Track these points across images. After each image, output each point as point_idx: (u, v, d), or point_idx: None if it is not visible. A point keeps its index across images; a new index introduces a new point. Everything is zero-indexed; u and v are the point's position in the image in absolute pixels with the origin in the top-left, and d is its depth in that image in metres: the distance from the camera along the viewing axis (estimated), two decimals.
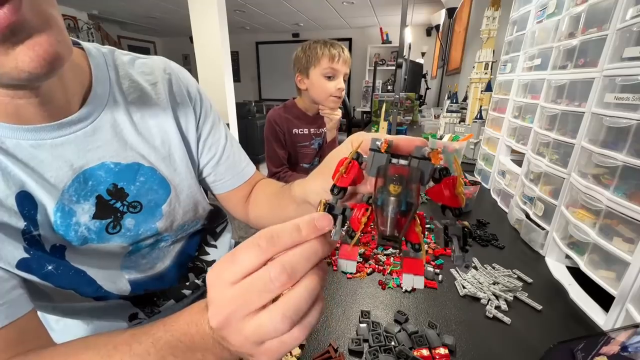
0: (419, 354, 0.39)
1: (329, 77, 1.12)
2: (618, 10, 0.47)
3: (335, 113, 1.18)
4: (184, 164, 0.51)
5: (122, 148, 0.44)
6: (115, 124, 0.43)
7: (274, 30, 6.32)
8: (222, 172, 0.57)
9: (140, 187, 0.45)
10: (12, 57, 0.26)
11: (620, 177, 0.43)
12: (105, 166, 0.42)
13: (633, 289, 0.39)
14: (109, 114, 0.43)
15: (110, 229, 0.43)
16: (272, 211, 0.55)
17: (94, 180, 0.41)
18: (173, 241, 0.53)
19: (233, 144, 0.59)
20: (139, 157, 0.45)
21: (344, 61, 1.11)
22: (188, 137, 0.52)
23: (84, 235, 0.40)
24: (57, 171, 0.38)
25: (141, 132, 0.46)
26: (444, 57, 3.91)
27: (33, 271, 0.37)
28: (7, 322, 0.31)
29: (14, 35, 0.26)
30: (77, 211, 0.40)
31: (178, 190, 0.50)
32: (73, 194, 0.39)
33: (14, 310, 0.32)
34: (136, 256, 0.48)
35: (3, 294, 0.32)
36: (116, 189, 0.43)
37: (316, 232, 0.21)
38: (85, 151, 0.40)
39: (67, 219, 0.39)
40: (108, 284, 0.44)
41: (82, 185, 0.40)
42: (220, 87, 2.84)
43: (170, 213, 0.49)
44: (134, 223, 0.45)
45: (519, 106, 0.84)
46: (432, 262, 0.60)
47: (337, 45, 1.11)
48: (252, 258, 0.21)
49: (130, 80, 0.46)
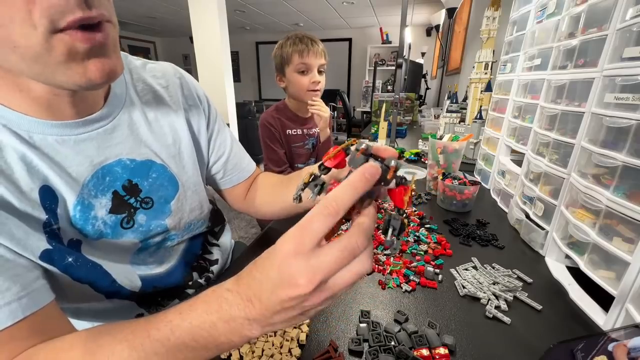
0: (419, 354, 0.39)
1: (303, 72, 1.10)
2: (618, 10, 0.47)
3: (323, 110, 1.15)
4: (191, 162, 0.53)
5: (137, 145, 0.46)
6: (132, 122, 0.46)
7: (274, 30, 6.32)
8: (230, 169, 0.63)
9: (152, 183, 0.47)
10: (83, 68, 0.31)
11: (620, 177, 0.43)
12: (121, 162, 0.44)
13: (633, 289, 0.39)
14: (126, 113, 0.45)
15: (124, 223, 0.45)
16: (279, 196, 0.61)
17: (111, 175, 0.43)
18: (179, 241, 0.54)
19: (236, 143, 0.65)
20: (152, 155, 0.48)
21: (314, 53, 1.08)
22: (199, 137, 0.56)
23: (100, 230, 0.42)
24: (79, 166, 0.40)
25: (154, 130, 0.49)
26: (444, 57, 3.91)
27: (55, 262, 0.38)
28: (32, 311, 0.32)
29: (94, 53, 0.31)
30: (95, 205, 0.42)
31: (185, 187, 0.52)
32: (92, 189, 0.41)
33: (38, 299, 0.33)
34: (144, 254, 0.49)
35: (28, 284, 0.33)
36: (131, 185, 0.45)
37: (370, 183, 0.24)
38: (104, 148, 0.42)
39: (86, 212, 0.41)
40: (122, 278, 0.45)
41: (101, 180, 0.42)
42: (220, 87, 2.85)
43: (179, 210, 0.51)
44: (145, 219, 0.47)
45: (518, 106, 0.84)
46: (432, 262, 0.60)
47: (306, 38, 1.09)
48: (326, 224, 0.23)
49: (143, 82, 0.49)
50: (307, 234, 0.23)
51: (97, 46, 0.31)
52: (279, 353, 0.39)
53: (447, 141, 0.92)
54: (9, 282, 0.31)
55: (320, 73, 1.13)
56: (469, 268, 0.58)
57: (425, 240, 0.67)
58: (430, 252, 0.64)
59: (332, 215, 0.23)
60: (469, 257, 0.62)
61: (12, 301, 0.31)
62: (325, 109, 1.16)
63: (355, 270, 0.23)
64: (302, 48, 1.07)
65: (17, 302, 0.31)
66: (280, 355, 0.39)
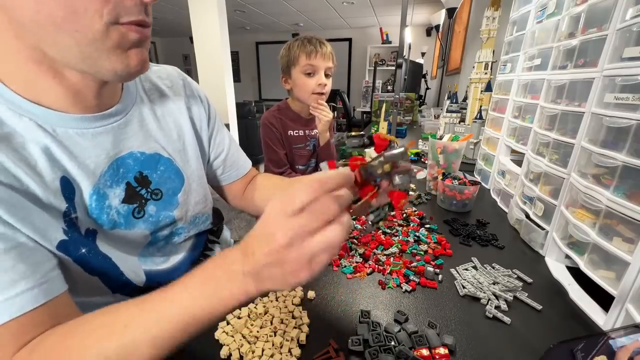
0: (419, 354, 0.39)
1: (309, 74, 1.09)
2: (618, 10, 0.47)
3: (325, 113, 1.13)
4: (195, 157, 0.57)
5: (147, 140, 0.49)
6: (142, 118, 0.49)
7: (274, 30, 6.32)
8: (229, 166, 0.67)
9: (160, 176, 0.50)
10: (126, 57, 0.36)
11: (620, 177, 0.43)
12: (133, 155, 0.47)
13: (633, 289, 0.39)
14: (137, 109, 0.49)
15: (136, 213, 0.47)
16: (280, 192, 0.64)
17: (124, 167, 0.46)
18: (185, 238, 0.57)
19: (233, 142, 0.68)
20: (160, 148, 0.51)
21: (322, 56, 1.07)
22: (201, 134, 0.59)
23: (114, 220, 0.45)
24: (96, 158, 0.43)
25: (161, 126, 0.52)
26: (444, 57, 3.91)
27: (70, 253, 0.40)
28: (51, 297, 0.34)
29: (137, 44, 0.37)
30: (109, 195, 0.44)
31: (190, 180, 0.55)
32: (108, 179, 0.44)
33: (55, 287, 0.35)
34: (153, 248, 0.52)
35: (45, 273, 0.35)
36: (142, 177, 0.48)
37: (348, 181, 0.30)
38: (118, 141, 0.45)
39: (101, 201, 0.43)
40: (129, 272, 0.47)
41: (115, 171, 0.45)
42: (221, 87, 2.84)
43: (185, 202, 0.54)
44: (155, 210, 0.50)
45: (518, 106, 0.84)
46: (432, 262, 0.60)
47: (315, 40, 1.07)
48: (308, 196, 0.27)
49: (150, 82, 0.53)
50: (290, 202, 0.27)
51: (142, 39, 0.37)
52: (279, 353, 0.39)
53: (447, 141, 0.92)
54: (32, 269, 0.33)
55: (327, 76, 1.12)
56: (469, 268, 0.58)
57: (425, 240, 0.67)
58: (430, 252, 0.64)
59: (315, 192, 0.27)
60: (469, 257, 0.62)
61: (34, 286, 0.33)
62: (328, 113, 1.15)
63: (328, 235, 0.27)
64: (310, 49, 1.06)
65: (39, 287, 0.33)
66: (280, 355, 0.39)
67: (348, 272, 0.56)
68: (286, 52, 1.11)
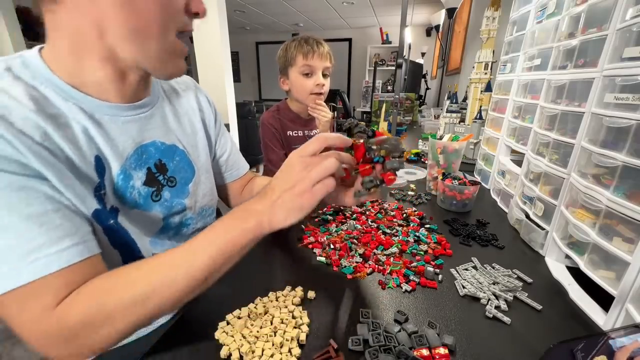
0: (419, 354, 0.39)
1: (307, 74, 1.09)
2: (618, 10, 0.47)
3: (324, 113, 1.13)
4: (204, 153, 0.64)
5: (167, 132, 0.56)
6: (163, 113, 0.57)
7: (274, 30, 6.32)
8: (231, 165, 0.74)
9: (176, 165, 0.57)
10: (180, 63, 0.47)
11: (620, 177, 0.43)
12: (155, 144, 0.53)
13: (633, 289, 0.39)
14: (160, 105, 0.56)
15: (154, 196, 0.53)
16: None
17: (146, 154, 0.52)
18: (193, 230, 0.61)
19: (234, 144, 0.76)
20: (176, 141, 0.57)
21: (319, 56, 1.07)
22: (210, 132, 0.67)
23: (135, 199, 0.50)
24: (124, 143, 0.48)
25: (179, 122, 0.59)
26: (444, 57, 3.91)
27: (101, 221, 0.45)
28: (89, 255, 0.39)
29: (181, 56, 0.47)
30: (134, 176, 0.50)
31: (200, 172, 0.62)
32: (132, 162, 0.50)
33: (93, 247, 0.40)
34: (164, 235, 0.56)
35: (85, 234, 0.40)
36: (160, 164, 0.54)
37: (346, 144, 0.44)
38: (143, 130, 0.52)
39: (126, 181, 0.48)
40: (144, 250, 0.52)
41: (139, 156, 0.51)
42: (221, 87, 2.84)
43: (194, 192, 0.60)
44: (169, 195, 0.55)
45: (518, 106, 0.84)
46: (432, 262, 0.60)
47: (312, 40, 1.07)
48: (317, 145, 0.41)
49: (167, 84, 0.62)
50: (305, 149, 0.41)
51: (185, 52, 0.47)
52: (279, 353, 0.39)
53: (447, 141, 0.92)
54: (75, 228, 0.38)
55: (324, 76, 1.11)
56: (469, 268, 0.58)
57: (425, 240, 0.67)
58: (430, 252, 0.64)
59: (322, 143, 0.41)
60: (469, 257, 0.62)
61: (79, 243, 0.38)
62: (327, 113, 1.14)
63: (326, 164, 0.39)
64: (307, 50, 1.05)
65: (83, 244, 0.38)
66: (280, 355, 0.39)
67: (348, 272, 0.56)
68: (283, 53, 1.11)
